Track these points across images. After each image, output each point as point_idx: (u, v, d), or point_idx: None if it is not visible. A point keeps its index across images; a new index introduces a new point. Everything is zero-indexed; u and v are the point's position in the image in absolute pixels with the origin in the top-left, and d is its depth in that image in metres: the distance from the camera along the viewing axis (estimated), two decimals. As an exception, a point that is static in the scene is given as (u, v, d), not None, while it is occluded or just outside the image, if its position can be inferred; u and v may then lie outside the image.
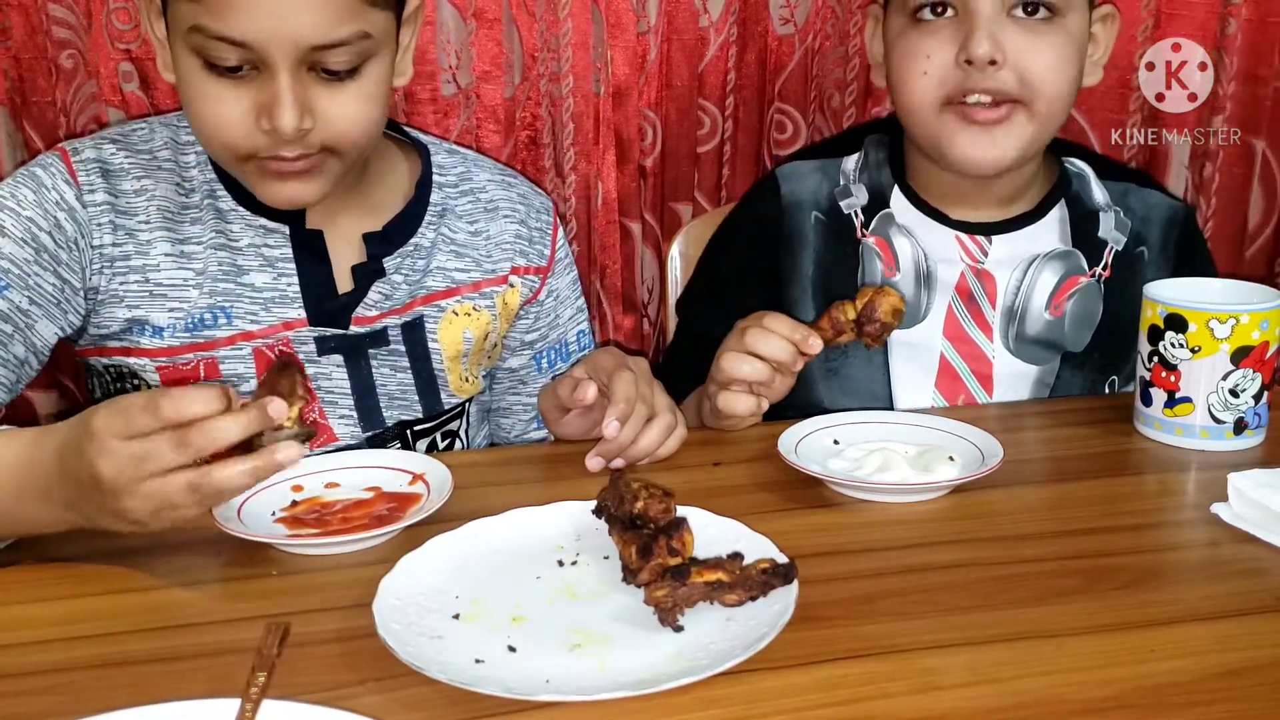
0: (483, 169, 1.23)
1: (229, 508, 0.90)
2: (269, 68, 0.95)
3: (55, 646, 0.75)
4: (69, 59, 1.38)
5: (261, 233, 1.09)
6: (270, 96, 0.96)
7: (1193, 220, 1.32)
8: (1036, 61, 1.12)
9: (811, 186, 1.29)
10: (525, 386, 1.28)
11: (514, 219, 1.22)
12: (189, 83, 0.98)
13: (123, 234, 1.06)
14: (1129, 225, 1.26)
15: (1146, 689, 0.69)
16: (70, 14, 1.36)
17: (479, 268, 1.19)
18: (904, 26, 1.16)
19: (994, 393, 1.23)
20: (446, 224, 1.18)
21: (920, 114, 1.17)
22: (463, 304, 1.18)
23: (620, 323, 1.60)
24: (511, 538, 0.86)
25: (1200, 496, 0.95)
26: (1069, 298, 1.23)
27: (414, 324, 1.15)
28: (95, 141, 1.09)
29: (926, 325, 1.24)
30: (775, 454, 0.99)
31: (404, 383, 1.16)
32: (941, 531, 0.90)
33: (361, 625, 0.74)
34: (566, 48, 1.47)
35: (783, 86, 1.59)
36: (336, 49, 0.96)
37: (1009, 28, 1.11)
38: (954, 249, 1.24)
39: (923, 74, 1.14)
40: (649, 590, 0.76)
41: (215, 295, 1.08)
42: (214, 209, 1.09)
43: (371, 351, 1.14)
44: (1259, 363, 1.02)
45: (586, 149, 1.51)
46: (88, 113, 1.40)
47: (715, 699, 0.68)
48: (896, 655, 0.72)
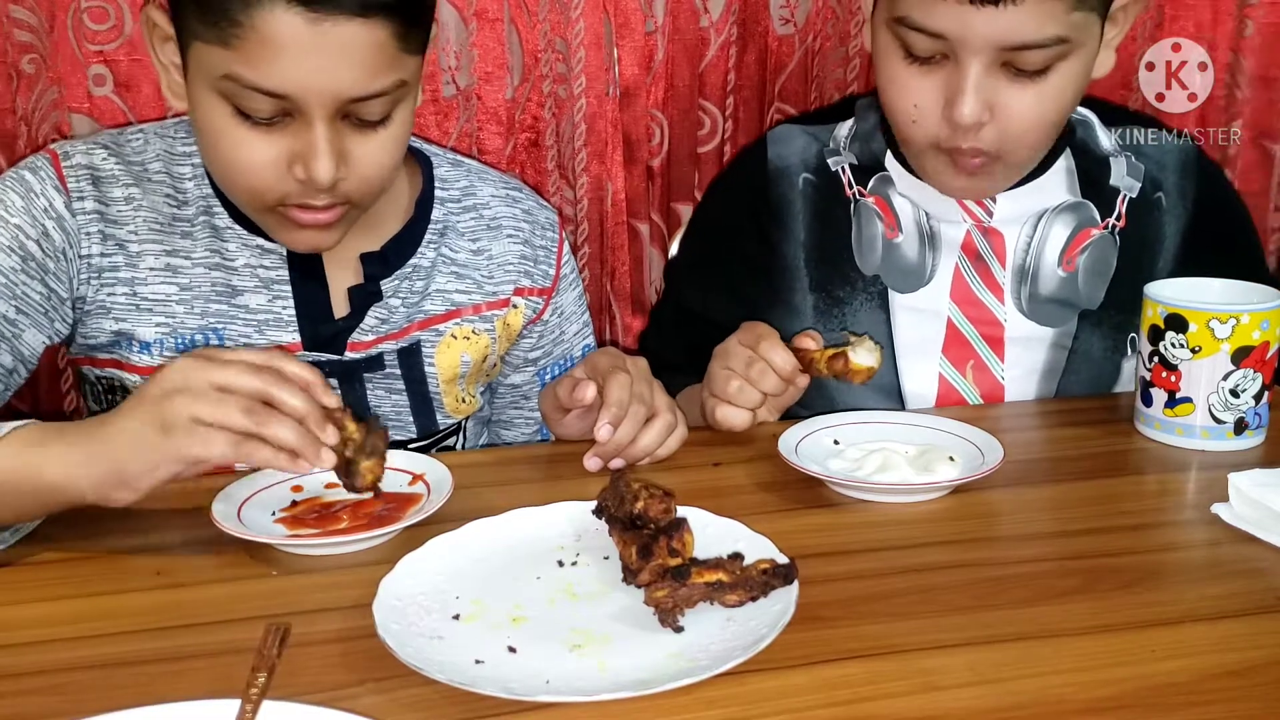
0: (487, 183, 1.20)
1: (229, 507, 0.90)
2: (304, 116, 0.93)
3: (55, 646, 0.75)
4: (30, 63, 1.33)
5: (258, 253, 1.07)
6: (305, 146, 0.94)
7: (1205, 157, 1.27)
8: (1020, 118, 1.07)
9: (800, 148, 1.27)
10: (528, 401, 1.26)
11: (518, 238, 1.19)
12: (215, 127, 0.95)
13: (112, 244, 1.05)
14: (1143, 170, 1.23)
15: (1147, 689, 0.69)
16: (32, 15, 1.32)
17: (480, 290, 1.16)
18: (891, 48, 1.10)
19: (1006, 358, 1.20)
20: (447, 243, 1.15)
21: (908, 147, 1.16)
22: (461, 327, 1.15)
23: (629, 324, 1.60)
24: (511, 538, 0.86)
25: (1201, 497, 0.95)
26: (1081, 251, 1.20)
27: (411, 349, 1.13)
28: (87, 146, 1.07)
29: (932, 288, 1.20)
30: (775, 454, 0.99)
31: (399, 404, 1.14)
32: (942, 532, 0.90)
33: (361, 626, 0.74)
34: (578, 48, 1.46)
35: (783, 86, 1.59)
36: (374, 99, 0.94)
37: (1000, 83, 1.06)
38: (956, 210, 1.20)
39: (911, 121, 1.11)
40: (649, 591, 0.76)
41: (208, 316, 1.06)
42: (209, 225, 1.07)
43: (366, 375, 1.12)
44: (1260, 363, 1.02)
45: (599, 150, 1.51)
46: (50, 120, 1.36)
47: (715, 699, 0.68)
48: (897, 655, 0.72)
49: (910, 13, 1.05)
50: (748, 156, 1.31)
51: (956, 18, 1.02)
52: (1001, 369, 1.20)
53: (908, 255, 1.21)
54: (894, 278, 1.22)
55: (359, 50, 0.91)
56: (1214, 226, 1.24)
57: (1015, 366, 1.21)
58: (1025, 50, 1.04)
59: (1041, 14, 1.02)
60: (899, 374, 1.20)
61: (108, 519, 0.88)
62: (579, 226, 1.54)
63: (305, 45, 0.89)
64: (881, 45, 1.12)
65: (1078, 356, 1.21)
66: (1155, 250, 1.22)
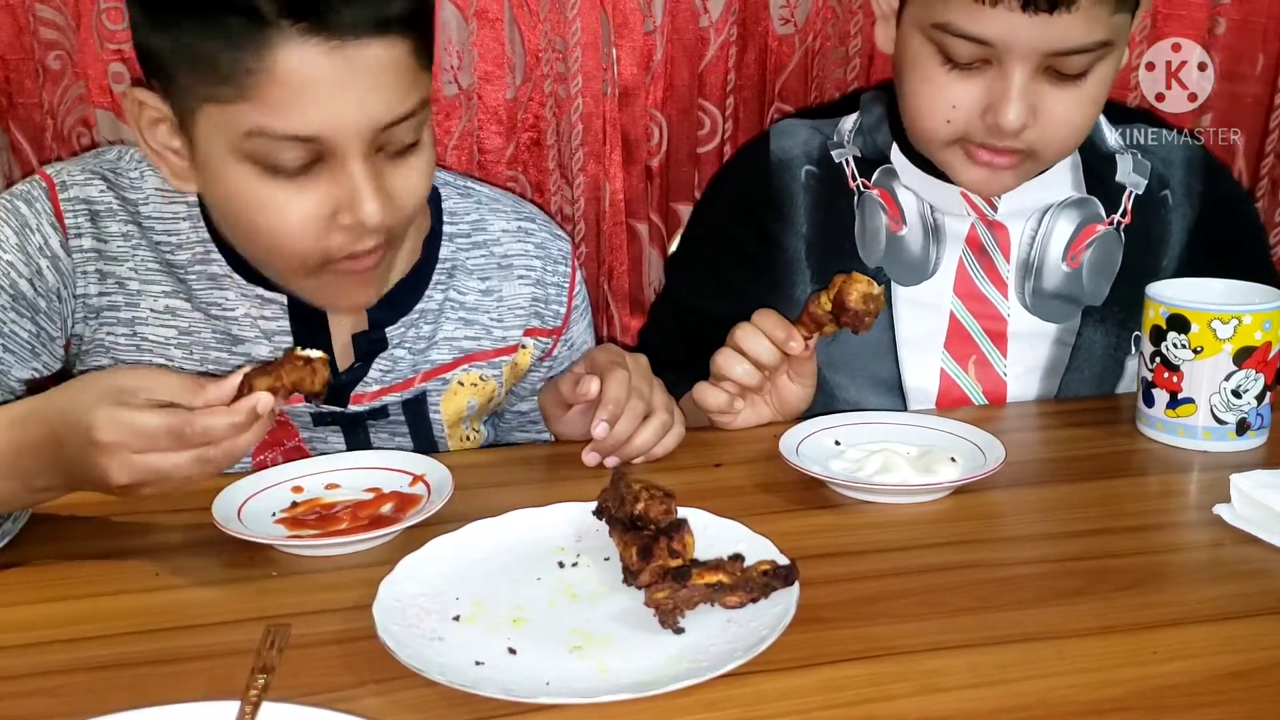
0: (498, 215, 1.15)
1: (229, 508, 0.90)
2: (336, 158, 0.88)
3: (55, 648, 0.75)
4: (56, 60, 1.36)
5: (258, 303, 1.03)
6: (347, 191, 0.89)
7: (1212, 156, 1.28)
8: (1063, 121, 1.09)
9: (803, 140, 1.26)
10: (535, 425, 1.24)
11: (529, 279, 1.14)
12: (247, 196, 0.90)
13: (111, 283, 1.02)
14: (1149, 167, 1.23)
15: (1149, 690, 0.69)
16: (58, 14, 1.34)
17: (489, 335, 1.12)
18: (927, 54, 1.09)
19: (1009, 353, 1.20)
20: (456, 284, 1.10)
21: (927, 144, 1.15)
22: (469, 374, 1.12)
23: (627, 324, 1.59)
24: (512, 539, 0.86)
25: (1203, 497, 0.95)
26: (1086, 247, 1.20)
27: (416, 399, 1.10)
28: (85, 176, 1.02)
29: (935, 281, 1.20)
30: (776, 455, 0.99)
31: (403, 446, 1.11)
32: (943, 533, 0.90)
33: (361, 627, 0.74)
34: (575, 48, 1.46)
35: (783, 87, 1.58)
36: (404, 123, 0.90)
37: (1042, 87, 1.06)
38: (960, 204, 1.20)
39: (946, 122, 1.10)
40: (650, 592, 0.75)
41: (207, 363, 1.03)
42: (206, 273, 1.03)
43: (370, 423, 1.10)
44: (1262, 363, 1.02)
45: (595, 150, 1.51)
46: (75, 114, 1.38)
47: (716, 701, 0.68)
48: (898, 657, 0.72)
49: (954, 19, 1.05)
50: (749, 150, 1.31)
51: (1005, 24, 1.02)
52: (1004, 364, 1.20)
53: (911, 248, 1.20)
54: (897, 270, 1.21)
55: (383, 72, 0.88)
56: (1221, 225, 1.24)
57: (1018, 362, 1.20)
58: (1070, 55, 1.04)
59: (1090, 20, 1.02)
60: (900, 368, 1.20)
61: (107, 520, 0.88)
62: (575, 225, 1.54)
63: (329, 77, 0.85)
64: (914, 49, 1.11)
65: (1081, 353, 1.20)
66: (1161, 247, 1.21)
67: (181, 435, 0.78)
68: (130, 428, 0.77)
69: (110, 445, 0.77)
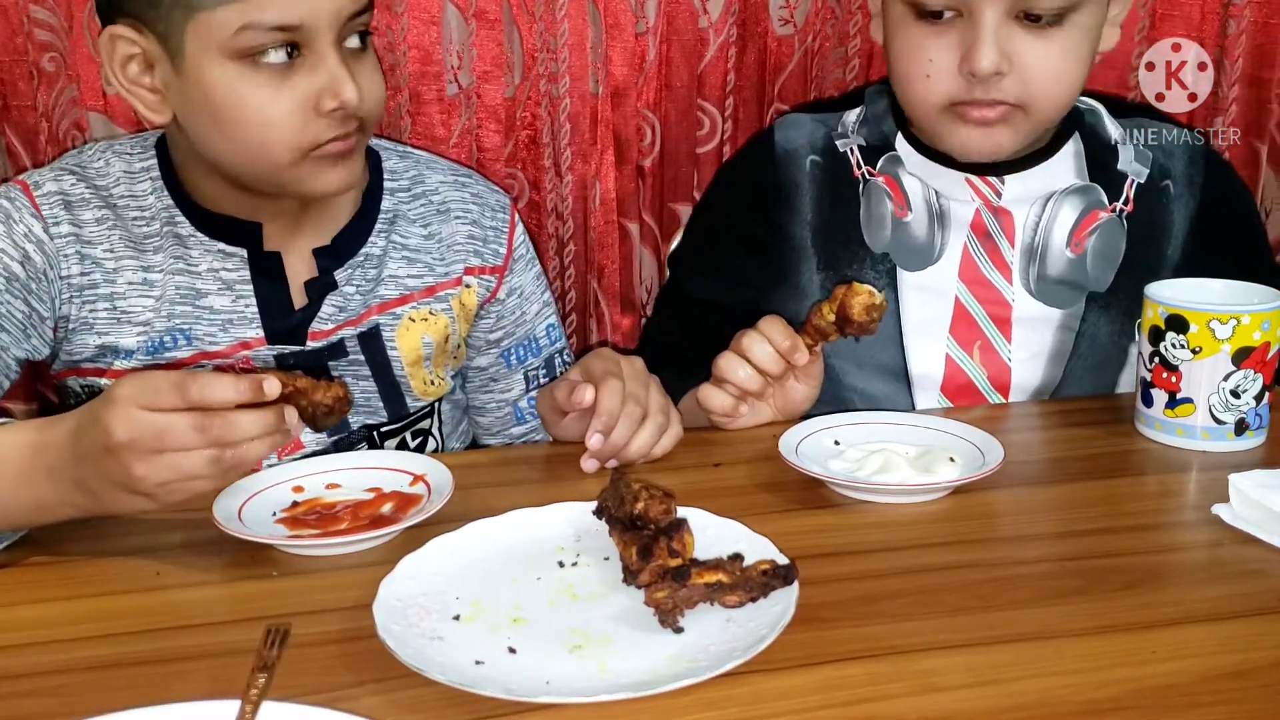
0: (435, 170, 1.23)
1: (230, 508, 0.90)
2: (314, 53, 0.98)
3: (55, 647, 0.75)
4: (50, 62, 1.35)
5: (220, 256, 1.10)
6: (326, 79, 0.99)
7: (1213, 150, 1.28)
8: (1042, 70, 1.10)
9: (808, 132, 1.28)
10: (497, 384, 1.29)
11: (466, 219, 1.21)
12: (235, 93, 0.98)
13: (89, 263, 1.08)
14: (1150, 157, 1.24)
15: (1147, 690, 0.69)
16: (52, 15, 1.34)
17: (432, 272, 1.19)
18: (904, 17, 1.13)
19: (1013, 338, 1.20)
20: (398, 230, 1.18)
21: (920, 111, 1.17)
22: (418, 309, 1.18)
23: (618, 323, 1.60)
24: (512, 539, 0.86)
25: (1201, 497, 0.95)
26: (1090, 233, 1.20)
27: (371, 333, 1.16)
28: (55, 174, 1.09)
29: (940, 267, 1.21)
30: (776, 455, 0.99)
31: (367, 390, 1.17)
32: (942, 533, 0.90)
33: (362, 626, 0.74)
34: (563, 49, 1.47)
35: (782, 87, 1.59)
36: (359, 17, 1.01)
37: (1016, 33, 1.09)
38: (965, 189, 1.21)
39: (925, 77, 1.13)
40: (649, 591, 0.75)
41: (174, 318, 1.09)
42: (173, 235, 1.10)
43: (331, 364, 1.14)
44: (1260, 363, 1.02)
45: (583, 149, 1.51)
46: (70, 117, 1.37)
47: (716, 700, 0.68)
48: (897, 656, 0.72)
49: None
50: (754, 143, 1.32)
51: None
52: (1009, 350, 1.21)
53: (917, 234, 1.21)
54: (903, 256, 1.22)
55: None
56: (1222, 218, 1.25)
57: (1022, 348, 1.21)
58: None
59: None
60: (906, 354, 1.20)
61: (107, 520, 0.88)
62: (565, 223, 1.54)
63: None
64: (894, 18, 1.14)
65: (1085, 339, 1.21)
66: (1163, 237, 1.21)
67: (201, 428, 0.79)
68: (145, 422, 0.78)
69: (128, 444, 0.78)
